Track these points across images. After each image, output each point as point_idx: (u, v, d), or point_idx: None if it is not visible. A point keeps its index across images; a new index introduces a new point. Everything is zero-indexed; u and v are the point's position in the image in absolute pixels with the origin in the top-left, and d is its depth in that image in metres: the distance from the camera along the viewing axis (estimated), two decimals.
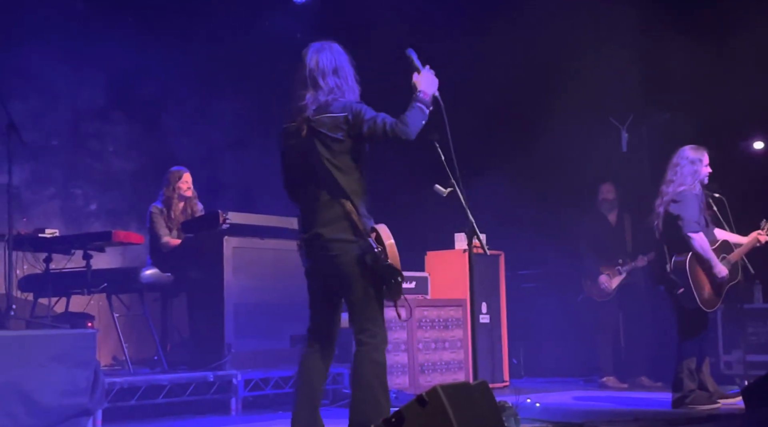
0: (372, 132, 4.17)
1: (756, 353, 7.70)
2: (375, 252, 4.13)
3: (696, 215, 6.23)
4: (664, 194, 6.39)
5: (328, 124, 4.23)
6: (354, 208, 4.20)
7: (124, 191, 8.72)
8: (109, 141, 8.77)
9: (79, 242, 6.65)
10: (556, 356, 9.10)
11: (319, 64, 4.35)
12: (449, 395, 3.62)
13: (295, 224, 6.84)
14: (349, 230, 4.19)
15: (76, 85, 8.33)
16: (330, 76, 4.32)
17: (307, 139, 4.27)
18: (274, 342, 6.84)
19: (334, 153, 4.23)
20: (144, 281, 6.71)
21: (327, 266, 4.29)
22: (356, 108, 4.23)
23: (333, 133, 4.22)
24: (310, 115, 4.27)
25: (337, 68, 4.35)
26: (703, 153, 6.37)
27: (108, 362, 7.63)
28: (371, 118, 4.19)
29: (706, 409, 6.14)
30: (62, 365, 5.37)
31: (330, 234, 4.21)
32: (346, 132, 4.22)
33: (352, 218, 4.18)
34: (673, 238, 6.30)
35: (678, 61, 8.07)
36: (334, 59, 4.36)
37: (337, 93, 4.30)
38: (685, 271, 6.22)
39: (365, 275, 4.18)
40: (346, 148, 4.23)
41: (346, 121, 4.21)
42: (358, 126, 4.19)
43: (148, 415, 6.25)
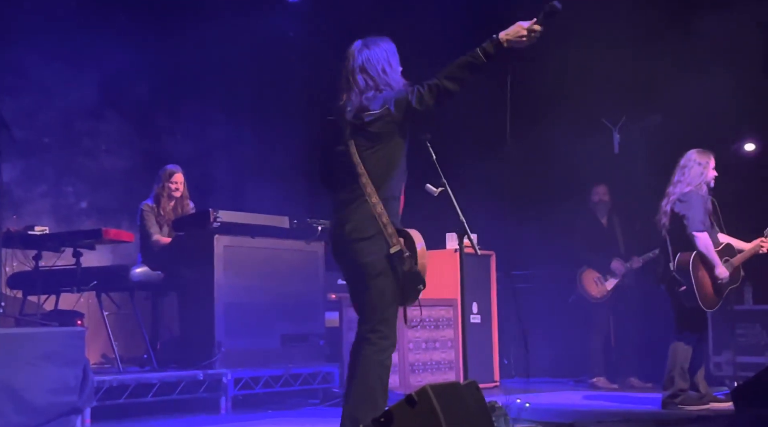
0: (414, 109, 4.12)
1: (746, 355, 7.71)
2: (404, 258, 4.14)
3: (701, 215, 6.31)
4: (671, 194, 6.47)
5: (368, 123, 4.19)
6: (384, 211, 4.17)
7: (116, 189, 8.70)
8: (101, 139, 8.76)
9: (69, 240, 6.63)
10: (546, 357, 9.11)
11: (353, 63, 4.31)
12: (439, 395, 3.61)
13: (285, 222, 6.92)
14: (377, 231, 4.16)
15: (69, 83, 8.30)
16: (366, 74, 4.27)
17: (346, 137, 4.24)
18: (265, 341, 6.83)
19: (370, 153, 4.20)
20: (134, 279, 6.69)
21: (349, 264, 4.27)
22: (397, 96, 4.17)
23: (374, 130, 4.19)
24: (350, 113, 4.24)
25: (369, 65, 4.28)
26: (710, 157, 6.47)
27: (97, 360, 7.62)
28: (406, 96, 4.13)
29: (696, 410, 6.15)
30: (51, 363, 5.35)
31: (357, 234, 4.19)
32: (389, 127, 4.18)
33: (383, 220, 4.15)
34: (678, 237, 6.38)
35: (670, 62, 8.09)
36: (372, 56, 4.30)
37: (375, 90, 4.24)
38: (688, 269, 6.29)
39: (386, 277, 4.16)
40: (386, 147, 4.21)
41: (389, 113, 4.17)
42: (403, 111, 4.15)
43: (138, 413, 6.23)
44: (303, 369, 6.88)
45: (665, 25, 8.22)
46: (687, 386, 6.31)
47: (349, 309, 7.25)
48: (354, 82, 4.27)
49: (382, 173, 4.20)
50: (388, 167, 4.22)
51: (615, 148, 8.80)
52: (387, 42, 4.38)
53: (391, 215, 4.19)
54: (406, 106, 4.15)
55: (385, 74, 4.28)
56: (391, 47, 4.37)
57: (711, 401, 6.36)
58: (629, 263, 8.37)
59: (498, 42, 4.09)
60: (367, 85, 4.26)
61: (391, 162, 4.23)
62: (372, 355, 4.18)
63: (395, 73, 4.32)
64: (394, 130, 4.20)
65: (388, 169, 4.22)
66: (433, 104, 4.13)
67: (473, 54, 4.08)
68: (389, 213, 4.18)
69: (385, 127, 4.19)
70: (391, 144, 4.21)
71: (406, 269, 4.14)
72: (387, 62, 4.31)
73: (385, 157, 4.21)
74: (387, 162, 4.22)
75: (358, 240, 4.18)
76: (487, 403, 4.36)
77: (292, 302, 7.02)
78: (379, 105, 4.19)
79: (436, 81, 4.11)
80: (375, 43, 4.35)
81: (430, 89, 4.11)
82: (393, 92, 4.21)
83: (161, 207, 7.20)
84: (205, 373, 6.35)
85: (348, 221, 4.22)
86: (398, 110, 4.16)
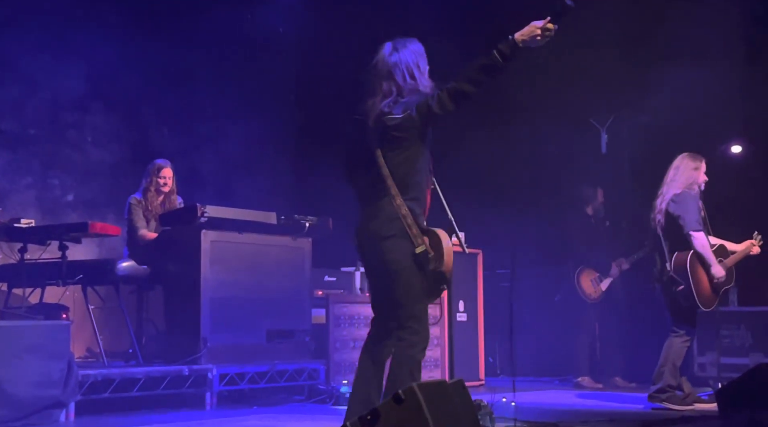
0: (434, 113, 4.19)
1: (730, 356, 7.75)
2: (429, 258, 4.22)
3: (696, 215, 6.40)
4: (665, 193, 6.54)
5: (390, 127, 4.26)
6: (409, 212, 4.25)
7: (102, 182, 8.66)
8: (87, 132, 8.71)
9: (55, 233, 6.58)
10: (532, 355, 9.12)
11: (382, 67, 4.37)
12: (425, 393, 3.61)
13: (272, 218, 6.91)
14: (402, 231, 4.23)
15: (56, 75, 8.26)
16: (392, 79, 4.34)
17: (370, 138, 4.33)
18: (250, 337, 6.81)
19: (393, 155, 4.28)
20: (120, 273, 6.66)
21: (376, 262, 4.35)
22: (419, 101, 4.23)
23: (396, 133, 4.26)
24: (374, 116, 4.32)
25: (397, 70, 4.34)
26: (701, 161, 6.58)
27: (82, 354, 7.58)
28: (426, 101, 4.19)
29: (680, 410, 6.19)
30: (36, 357, 5.34)
31: (382, 231, 4.27)
32: (410, 131, 4.25)
33: (407, 221, 4.23)
34: (674, 237, 6.44)
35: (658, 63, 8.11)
36: (401, 60, 4.36)
37: (400, 95, 4.31)
38: (686, 269, 6.36)
39: (413, 273, 4.24)
40: (408, 150, 4.28)
41: (410, 118, 4.23)
42: (424, 116, 4.21)
43: (122, 408, 6.20)
44: (289, 365, 6.87)
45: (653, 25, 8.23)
46: (676, 383, 6.35)
47: (336, 306, 7.28)
48: (382, 86, 4.35)
49: (405, 175, 4.29)
50: (411, 169, 4.30)
51: (603, 149, 8.83)
52: (415, 43, 4.44)
53: (416, 216, 4.28)
54: (426, 111, 4.23)
55: (413, 79, 4.35)
56: (420, 49, 4.44)
57: (695, 402, 6.41)
58: (617, 264, 8.41)
59: (514, 43, 4.14)
60: (391, 91, 4.33)
61: (414, 164, 4.31)
62: (404, 350, 4.26)
63: (423, 76, 4.38)
64: (416, 134, 4.29)
65: (412, 171, 4.31)
66: (452, 108, 4.21)
67: (490, 56, 4.14)
68: (414, 213, 4.27)
69: (407, 132, 4.27)
70: (413, 147, 4.30)
71: (431, 268, 4.23)
72: (416, 66, 4.38)
73: (408, 160, 4.30)
74: (410, 164, 4.30)
75: (384, 239, 4.26)
76: (473, 401, 4.37)
77: (278, 298, 7.01)
78: (401, 110, 4.27)
79: (455, 84, 4.17)
80: (404, 45, 4.42)
81: (450, 93, 4.18)
82: (415, 97, 4.28)
83: (149, 201, 7.17)
84: (191, 368, 6.33)
85: (373, 221, 4.31)
86: (420, 115, 4.24)
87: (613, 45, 8.28)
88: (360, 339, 7.37)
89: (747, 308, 7.95)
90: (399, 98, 4.31)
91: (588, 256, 8.50)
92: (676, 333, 6.46)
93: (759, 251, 6.76)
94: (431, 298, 4.33)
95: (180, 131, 9.22)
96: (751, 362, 7.36)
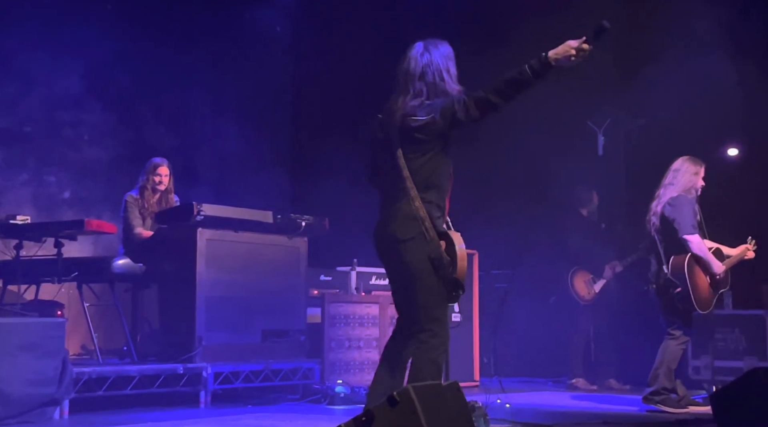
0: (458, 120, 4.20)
1: (724, 359, 7.77)
2: (443, 263, 4.22)
3: (691, 218, 6.41)
4: (662, 196, 6.55)
5: (414, 129, 4.27)
6: (428, 215, 4.25)
7: (98, 180, 8.65)
8: (84, 129, 8.70)
9: (50, 230, 6.56)
10: (526, 356, 9.13)
11: (413, 66, 4.37)
12: (420, 395, 3.62)
13: (269, 217, 6.91)
14: (420, 234, 4.24)
15: (52, 72, 8.24)
16: (423, 80, 4.34)
17: (393, 139, 4.33)
18: (245, 336, 6.81)
19: (414, 157, 4.29)
20: (115, 270, 6.65)
21: (395, 263, 4.35)
22: (444, 105, 4.24)
23: (419, 135, 4.27)
24: (399, 116, 4.32)
25: (428, 71, 4.34)
26: (701, 166, 6.60)
27: (77, 352, 7.57)
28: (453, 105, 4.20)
29: (674, 413, 6.19)
30: (30, 354, 5.33)
31: (401, 234, 4.27)
32: (434, 134, 4.26)
33: (425, 224, 4.24)
34: (670, 240, 6.46)
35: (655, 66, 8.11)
36: (433, 62, 4.36)
37: (425, 96, 4.32)
38: (683, 272, 6.37)
39: (432, 276, 4.24)
40: (430, 152, 4.29)
41: (434, 121, 4.24)
42: (449, 121, 4.22)
43: (116, 406, 6.20)
44: (283, 364, 6.86)
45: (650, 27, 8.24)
46: (671, 386, 6.37)
47: (331, 305, 7.28)
48: (410, 87, 4.35)
49: (426, 178, 4.29)
50: (432, 172, 4.31)
51: (599, 151, 8.84)
52: (446, 46, 4.45)
53: (434, 218, 4.28)
54: (451, 116, 4.23)
55: (442, 82, 4.35)
56: (450, 52, 4.44)
57: (689, 405, 6.42)
58: (611, 266, 8.42)
59: (546, 60, 4.14)
60: (421, 92, 4.33)
61: (436, 168, 4.32)
62: (424, 353, 4.26)
63: (452, 79, 4.38)
64: (438, 138, 4.29)
65: (432, 174, 4.31)
66: (478, 117, 4.21)
67: (521, 71, 4.14)
68: (432, 216, 4.27)
69: (430, 135, 4.28)
70: (435, 150, 4.30)
71: (445, 273, 4.23)
72: (446, 69, 4.38)
73: (429, 163, 4.30)
74: (432, 167, 4.31)
75: (402, 241, 4.27)
76: (468, 403, 4.38)
77: (273, 297, 7.00)
78: (426, 112, 4.27)
79: (483, 94, 4.18)
80: (435, 46, 4.42)
81: (477, 102, 4.19)
82: (441, 100, 4.28)
83: (145, 199, 7.18)
84: (185, 367, 6.32)
85: (392, 222, 4.31)
86: (443, 119, 4.24)
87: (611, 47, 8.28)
88: (355, 339, 7.39)
89: (741, 311, 7.97)
90: (426, 101, 4.31)
91: (582, 257, 8.51)
92: (672, 336, 6.48)
93: (753, 255, 6.77)
94: (449, 302, 4.33)
95: (177, 129, 9.21)
96: (745, 366, 7.37)
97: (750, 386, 5.10)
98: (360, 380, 7.28)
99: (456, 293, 4.26)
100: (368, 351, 7.44)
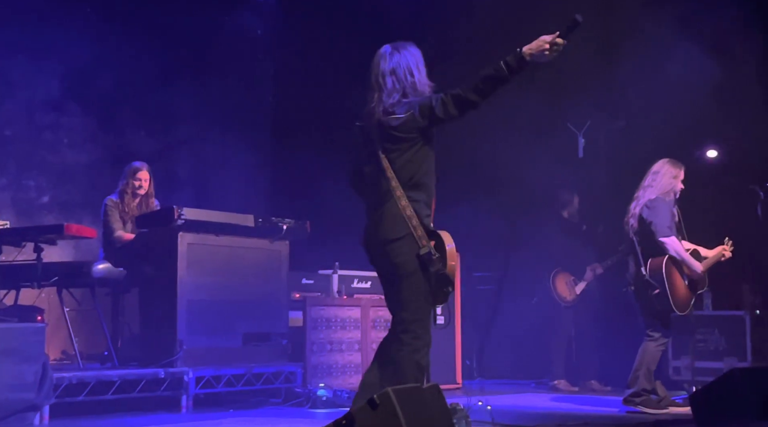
0: (437, 117, 4.25)
1: (704, 360, 7.81)
2: (432, 259, 4.24)
3: (668, 221, 6.44)
4: (640, 198, 6.58)
5: (393, 127, 4.32)
6: (414, 213, 4.28)
7: (79, 184, 8.62)
8: (63, 133, 8.66)
9: (30, 235, 6.53)
10: (508, 358, 9.14)
11: (383, 66, 4.42)
12: (401, 398, 3.63)
13: (250, 221, 6.90)
14: (408, 233, 4.27)
15: (32, 76, 8.21)
16: (395, 77, 4.39)
17: (374, 140, 4.37)
18: (227, 340, 6.79)
19: (396, 156, 4.33)
20: (96, 275, 6.63)
21: (385, 265, 4.39)
22: (422, 102, 4.29)
23: (399, 133, 4.31)
24: (377, 116, 4.36)
25: (399, 69, 4.39)
26: (681, 169, 6.62)
27: (57, 357, 7.54)
28: (430, 103, 4.25)
29: (654, 414, 6.22)
30: (10, 359, 5.29)
31: (388, 235, 4.31)
32: (413, 132, 4.30)
33: (413, 222, 4.27)
34: (648, 242, 6.48)
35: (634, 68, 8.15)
36: (402, 60, 4.41)
37: (402, 94, 4.36)
38: (661, 273, 6.40)
39: (418, 277, 4.28)
40: (411, 150, 4.33)
41: (413, 118, 4.28)
42: (427, 118, 4.27)
43: (97, 411, 6.17)
44: (265, 368, 6.85)
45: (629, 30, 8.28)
46: (651, 387, 6.40)
47: (313, 308, 7.28)
48: (383, 86, 4.39)
49: (410, 176, 4.33)
50: (416, 170, 4.35)
51: (579, 153, 8.87)
52: (414, 47, 4.50)
53: (422, 217, 4.31)
54: (429, 113, 4.28)
55: (413, 77, 4.40)
56: (418, 52, 4.49)
57: (669, 406, 6.45)
58: (592, 268, 8.46)
59: (521, 56, 4.19)
60: (394, 89, 4.38)
61: (419, 165, 4.35)
62: (407, 355, 4.30)
63: (423, 77, 4.43)
64: (419, 135, 4.33)
65: (416, 173, 4.35)
66: (456, 114, 4.27)
67: (497, 67, 4.20)
68: (419, 215, 4.30)
69: (409, 132, 4.32)
70: (417, 147, 4.34)
71: (434, 270, 4.25)
72: (416, 67, 4.43)
73: (412, 161, 4.34)
74: (415, 165, 4.34)
75: (390, 241, 4.30)
76: (449, 405, 4.39)
77: (255, 301, 6.99)
78: (404, 110, 4.32)
79: (460, 92, 4.23)
80: (404, 47, 4.48)
81: (454, 99, 4.24)
82: (419, 98, 4.33)
83: (125, 204, 7.15)
84: (167, 371, 6.30)
85: (380, 223, 4.35)
86: (422, 116, 4.29)
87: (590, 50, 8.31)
88: (337, 342, 7.39)
89: (721, 312, 8.01)
90: (402, 99, 4.35)
91: (564, 259, 8.55)
92: (651, 337, 6.51)
93: (730, 255, 6.80)
94: (437, 301, 4.35)
95: (157, 133, 9.19)
96: (725, 366, 7.41)
97: (728, 387, 5.15)
98: (342, 383, 7.28)
99: (446, 289, 4.28)
100: (350, 354, 7.44)
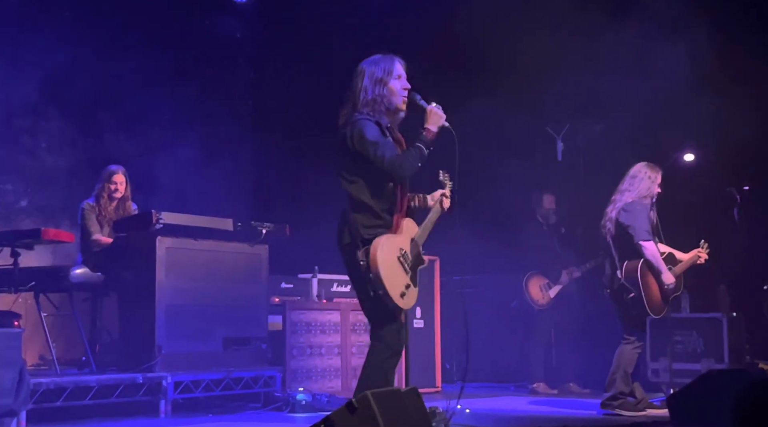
0: (371, 159, 4.39)
1: (682, 362, 7.84)
2: (360, 265, 4.36)
3: (646, 224, 6.47)
4: (617, 201, 6.60)
5: (341, 139, 4.47)
6: (359, 221, 4.41)
7: (57, 188, 8.58)
8: (42, 137, 8.63)
9: (7, 239, 6.48)
10: (487, 362, 9.15)
11: (355, 81, 4.56)
12: (379, 401, 3.64)
13: (229, 225, 6.89)
14: (353, 240, 4.42)
15: (9, 80, 8.16)
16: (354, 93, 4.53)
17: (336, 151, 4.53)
18: (206, 344, 6.77)
19: (345, 166, 4.48)
20: (74, 280, 6.60)
21: (347, 271, 4.55)
22: (357, 127, 4.40)
23: (344, 146, 4.45)
24: (340, 124, 4.54)
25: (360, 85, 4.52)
26: (659, 172, 6.65)
27: (35, 362, 7.49)
28: (372, 145, 4.38)
29: (632, 416, 6.25)
30: None
31: (341, 241, 4.49)
32: (352, 147, 4.42)
33: (358, 230, 4.40)
34: (624, 245, 6.51)
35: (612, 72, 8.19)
36: (367, 77, 4.53)
37: (354, 110, 4.50)
38: (636, 277, 6.42)
39: (364, 281, 4.40)
40: (355, 161, 4.44)
41: (351, 137, 4.40)
42: (357, 145, 4.39)
43: (75, 417, 6.14)
44: (245, 373, 6.83)
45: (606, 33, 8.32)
46: (628, 390, 6.43)
47: (292, 313, 7.28)
48: (346, 99, 4.56)
49: (360, 185, 4.45)
50: (364, 179, 4.45)
51: (558, 156, 8.91)
52: (387, 61, 4.56)
53: (361, 226, 4.42)
54: (359, 144, 4.41)
55: (366, 94, 4.49)
56: (389, 66, 4.54)
57: (647, 408, 6.48)
58: (568, 272, 8.49)
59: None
60: (351, 104, 4.53)
61: (368, 175, 4.45)
62: (374, 361, 4.45)
63: (372, 82, 4.50)
64: (355, 148, 4.45)
65: (365, 181, 4.45)
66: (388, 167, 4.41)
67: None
68: (360, 222, 4.42)
69: (350, 145, 4.44)
70: (362, 159, 4.43)
71: (365, 276, 4.36)
72: (378, 80, 4.50)
73: (360, 170, 4.45)
74: (364, 175, 4.45)
75: (343, 248, 4.48)
76: (428, 408, 4.40)
77: (234, 305, 6.98)
78: (348, 125, 4.46)
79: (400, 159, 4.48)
80: (375, 63, 4.56)
81: (390, 164, 4.41)
82: (359, 118, 4.43)
83: (102, 207, 7.13)
84: (145, 376, 6.28)
85: (337, 230, 4.51)
86: (352, 138, 4.43)
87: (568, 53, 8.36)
88: (317, 346, 7.38)
89: (698, 314, 8.05)
90: (355, 114, 4.47)
91: (539, 262, 8.56)
92: (627, 340, 6.54)
93: (706, 257, 6.85)
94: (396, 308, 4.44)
95: (136, 137, 9.16)
96: (703, 368, 7.45)
97: (706, 389, 5.18)
98: (322, 387, 7.27)
99: (375, 293, 4.34)
100: (330, 358, 7.43)
